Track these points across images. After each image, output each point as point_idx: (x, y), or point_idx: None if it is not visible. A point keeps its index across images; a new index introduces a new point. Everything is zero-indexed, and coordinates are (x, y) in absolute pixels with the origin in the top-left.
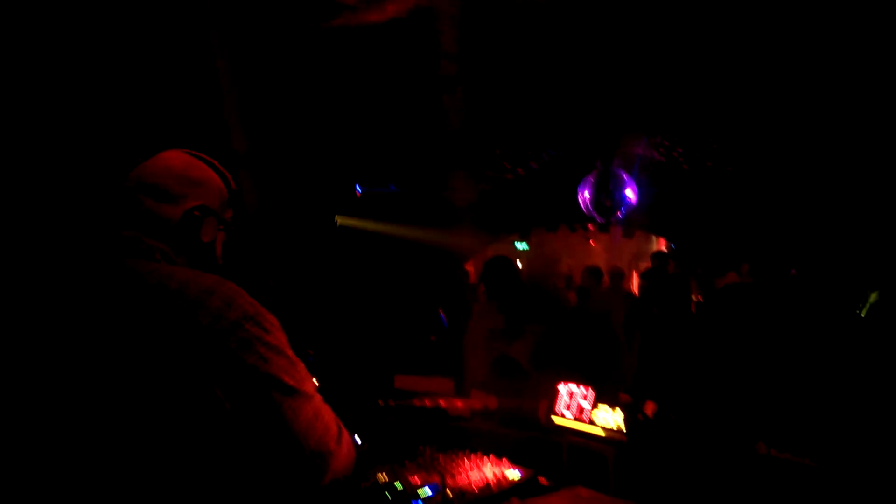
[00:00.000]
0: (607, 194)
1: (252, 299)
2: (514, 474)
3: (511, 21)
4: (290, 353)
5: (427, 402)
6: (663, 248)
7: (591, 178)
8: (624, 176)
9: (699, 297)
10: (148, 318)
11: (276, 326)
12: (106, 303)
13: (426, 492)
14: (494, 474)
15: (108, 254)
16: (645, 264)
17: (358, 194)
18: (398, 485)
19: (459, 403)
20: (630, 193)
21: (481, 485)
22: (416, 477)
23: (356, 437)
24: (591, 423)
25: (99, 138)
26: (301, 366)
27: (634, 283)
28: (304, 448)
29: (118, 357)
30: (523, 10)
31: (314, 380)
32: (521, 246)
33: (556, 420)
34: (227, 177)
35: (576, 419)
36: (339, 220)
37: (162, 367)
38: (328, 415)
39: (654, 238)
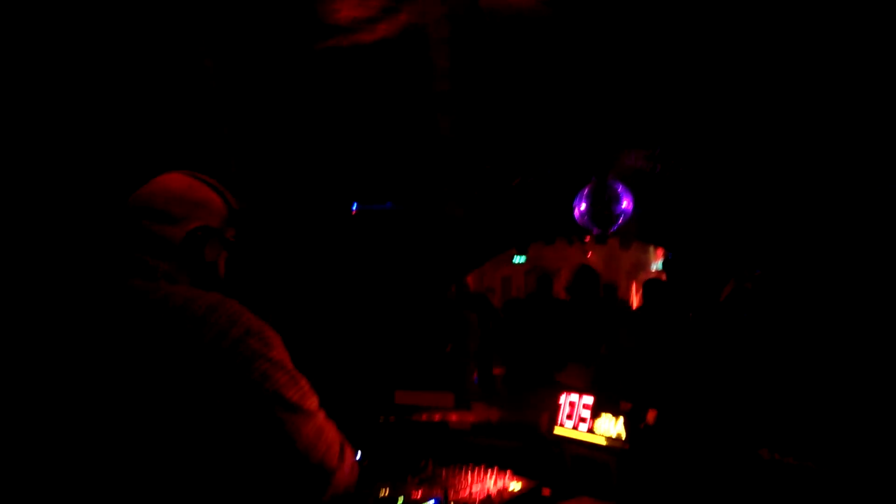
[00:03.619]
0: (603, 206)
1: (255, 316)
2: (516, 486)
3: (502, 37)
4: (293, 369)
5: (427, 417)
6: (660, 259)
7: (586, 191)
8: (619, 188)
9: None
10: (151, 335)
11: (278, 343)
12: (110, 322)
13: None
14: (497, 487)
15: (113, 274)
16: (643, 274)
17: (354, 212)
18: (400, 500)
19: (460, 417)
20: (626, 205)
21: (483, 497)
22: (418, 492)
23: (358, 453)
24: (593, 432)
25: (97, 160)
26: (304, 382)
27: (633, 294)
28: (305, 465)
29: (122, 374)
30: (514, 26)
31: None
32: (518, 259)
33: (558, 431)
34: (227, 196)
35: (577, 429)
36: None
37: (165, 383)
38: (331, 432)
39: (651, 249)
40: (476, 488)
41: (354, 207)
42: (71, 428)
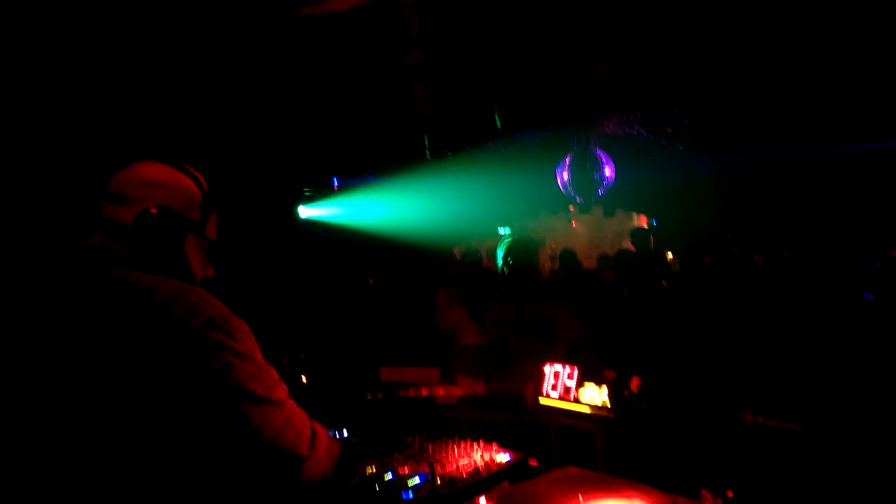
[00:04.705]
0: (585, 174)
1: (220, 305)
2: (503, 458)
3: (476, 4)
4: (260, 358)
5: (413, 392)
6: (644, 226)
7: (568, 160)
8: (601, 155)
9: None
10: (111, 323)
11: (244, 332)
12: (71, 310)
13: (415, 481)
14: (484, 459)
15: (75, 261)
16: (627, 243)
17: (335, 187)
18: (387, 476)
19: (446, 391)
20: (608, 172)
21: (470, 470)
22: (405, 467)
23: (344, 431)
24: (577, 401)
25: (62, 147)
26: (271, 371)
27: None
28: (274, 454)
29: (83, 363)
30: None
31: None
32: (504, 231)
33: (543, 401)
34: (199, 179)
35: (562, 399)
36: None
37: (127, 373)
38: (301, 421)
39: (634, 216)
40: (463, 462)
41: (335, 183)
42: (34, 418)
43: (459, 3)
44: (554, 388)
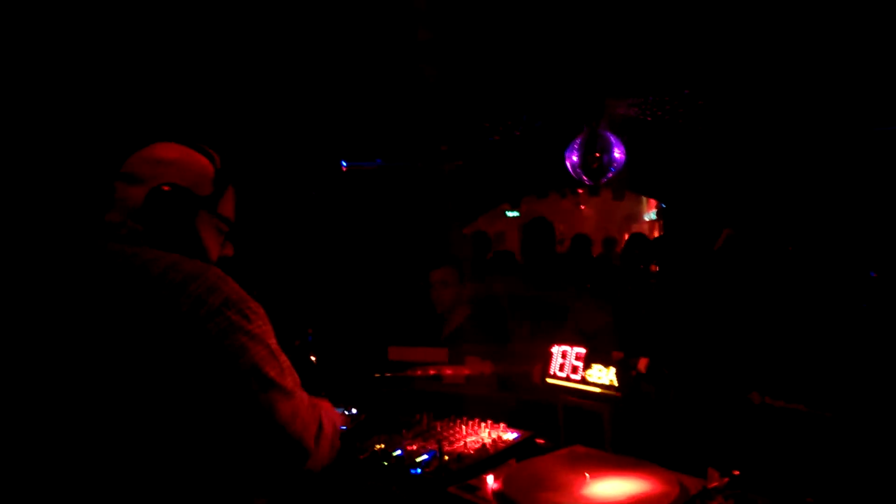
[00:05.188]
0: (595, 157)
1: (237, 286)
2: (510, 436)
3: None
4: (274, 343)
5: (422, 372)
6: (653, 210)
7: (578, 142)
8: (611, 137)
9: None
10: (129, 301)
11: (260, 316)
12: (87, 287)
13: (423, 457)
14: (491, 437)
15: (92, 239)
16: (636, 226)
17: (343, 169)
18: (395, 452)
19: (455, 371)
20: (618, 155)
21: (478, 447)
22: (413, 444)
23: (353, 409)
24: (585, 381)
25: (81, 134)
26: (284, 359)
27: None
28: (279, 443)
29: (98, 342)
30: None
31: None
32: (511, 214)
33: (551, 381)
34: (213, 156)
35: (569, 379)
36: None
37: (141, 351)
38: (308, 414)
39: (644, 200)
40: (471, 440)
41: (344, 165)
42: (46, 398)
43: None
44: (562, 368)
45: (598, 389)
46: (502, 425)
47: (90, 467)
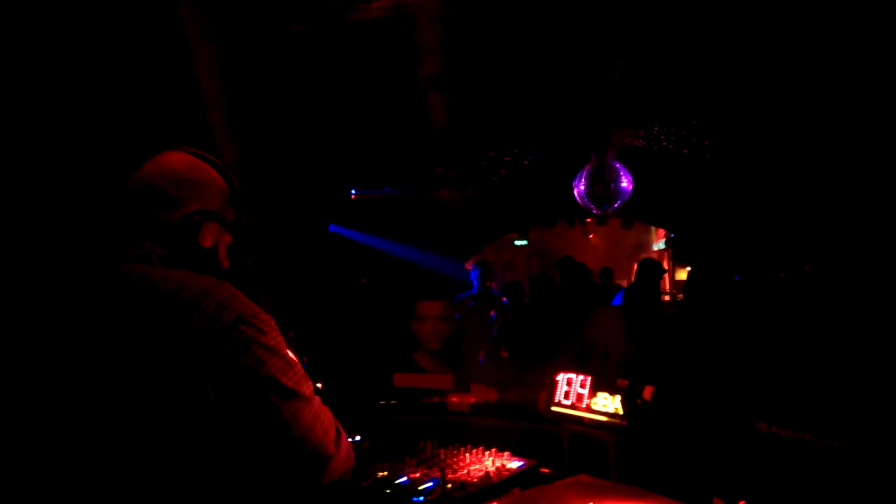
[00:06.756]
0: (603, 186)
1: (249, 301)
2: (515, 465)
3: (495, 16)
4: (288, 354)
5: (426, 399)
6: (662, 239)
7: (585, 171)
8: (618, 167)
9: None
10: (141, 321)
11: (272, 328)
12: (99, 307)
13: (426, 485)
14: (495, 465)
15: (104, 258)
16: (645, 255)
17: (352, 197)
18: (398, 480)
19: (459, 398)
20: (625, 184)
21: (482, 475)
22: (416, 472)
23: (357, 437)
24: (590, 410)
25: (88, 143)
26: (299, 367)
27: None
28: (302, 451)
29: (113, 361)
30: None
31: (317, 383)
32: (520, 243)
33: (556, 409)
34: (228, 175)
35: (574, 407)
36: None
37: (156, 370)
38: (327, 418)
39: (653, 229)
40: (475, 468)
41: (353, 193)
42: (62, 415)
43: (481, 15)
44: (567, 396)
45: (603, 418)
46: (507, 454)
47: (110, 494)
